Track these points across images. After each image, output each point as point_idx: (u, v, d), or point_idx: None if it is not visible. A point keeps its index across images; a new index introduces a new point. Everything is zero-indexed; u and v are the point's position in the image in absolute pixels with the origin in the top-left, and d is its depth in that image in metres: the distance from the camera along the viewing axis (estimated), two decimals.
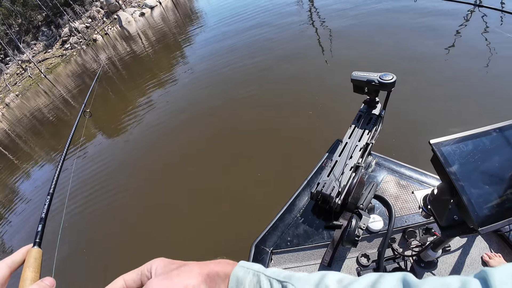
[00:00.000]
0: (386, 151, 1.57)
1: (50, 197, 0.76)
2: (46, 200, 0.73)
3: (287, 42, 6.21)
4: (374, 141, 1.45)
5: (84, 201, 4.64)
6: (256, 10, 9.71)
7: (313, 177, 1.62)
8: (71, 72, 21.13)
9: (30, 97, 22.94)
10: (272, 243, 1.44)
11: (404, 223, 1.34)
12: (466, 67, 3.61)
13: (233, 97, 5.18)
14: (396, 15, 5.30)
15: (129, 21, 31.28)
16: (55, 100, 14.83)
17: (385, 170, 1.52)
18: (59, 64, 30.23)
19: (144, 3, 33.49)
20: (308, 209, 1.50)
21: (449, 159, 0.69)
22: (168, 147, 4.93)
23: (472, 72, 3.48)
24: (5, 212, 6.34)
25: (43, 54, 34.13)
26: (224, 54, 7.36)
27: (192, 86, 6.78)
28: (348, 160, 1.39)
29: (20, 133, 13.34)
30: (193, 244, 3.01)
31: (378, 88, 1.38)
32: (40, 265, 0.52)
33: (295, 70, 5.06)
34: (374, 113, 1.53)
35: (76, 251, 3.66)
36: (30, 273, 0.49)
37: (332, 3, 7.18)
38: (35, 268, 0.50)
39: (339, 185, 1.32)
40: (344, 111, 3.34)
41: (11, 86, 31.25)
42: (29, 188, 6.79)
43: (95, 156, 5.96)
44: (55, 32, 36.15)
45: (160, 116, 6.15)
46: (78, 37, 32.85)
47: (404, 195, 1.41)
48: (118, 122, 7.27)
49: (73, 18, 34.84)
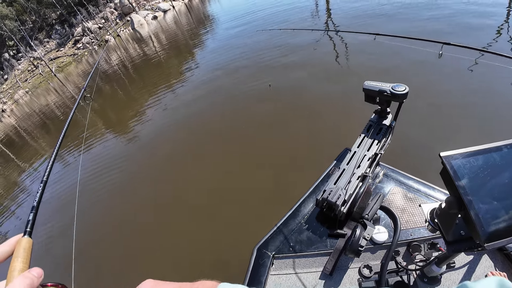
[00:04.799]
0: (395, 163, 1.56)
1: (43, 185, 0.74)
2: (39, 188, 0.71)
3: (299, 48, 6.24)
4: (383, 151, 1.44)
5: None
6: (269, 18, 9.82)
7: (320, 184, 1.62)
8: (82, 72, 21.44)
9: (40, 94, 23.27)
10: (275, 248, 1.43)
11: (409, 236, 1.33)
12: (487, 81, 3.57)
13: (241, 102, 5.22)
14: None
15: (141, 23, 31.79)
16: (65, 98, 15.05)
17: (393, 182, 1.50)
18: (71, 63, 30.72)
19: (158, 7, 34.05)
20: (312, 216, 1.50)
21: (458, 173, 0.70)
22: (172, 145, 4.98)
23: (492, 88, 3.43)
24: (9, 203, 6.42)
25: (55, 52, 34.71)
26: (233, 59, 7.45)
27: (200, 89, 6.84)
28: (356, 169, 1.39)
29: (28, 129, 13.53)
30: (196, 246, 3.01)
31: (389, 99, 1.38)
32: (30, 255, 0.51)
33: (305, 77, 5.07)
34: (384, 123, 1.53)
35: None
36: (18, 264, 0.48)
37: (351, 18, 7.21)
38: (24, 259, 0.49)
39: (345, 193, 1.31)
40: (354, 120, 3.35)
41: (21, 83, 31.77)
42: (33, 180, 6.87)
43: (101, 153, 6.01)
44: (68, 31, 36.82)
45: (166, 118, 6.22)
46: (90, 37, 33.42)
47: (410, 208, 1.40)
48: (124, 120, 7.37)
49: (86, 18, 35.50)
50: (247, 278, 1.37)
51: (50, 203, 5.12)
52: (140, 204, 4.10)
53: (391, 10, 6.36)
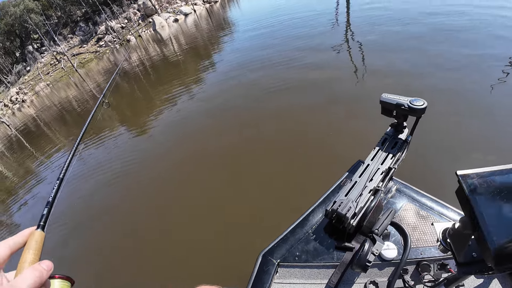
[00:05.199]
0: (409, 178, 1.53)
1: (60, 182, 0.74)
2: (55, 184, 0.72)
3: (316, 58, 6.24)
4: (397, 166, 1.41)
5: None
6: (289, 31, 9.89)
7: (330, 195, 1.59)
8: (103, 69, 22.01)
9: (61, 88, 23.96)
10: (280, 256, 1.41)
11: (419, 255, 1.30)
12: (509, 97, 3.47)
13: (255, 109, 5.25)
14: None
15: (162, 25, 32.50)
16: (84, 93, 15.46)
17: (406, 198, 1.46)
18: (92, 60, 31.61)
19: (179, 10, 34.78)
20: (321, 227, 1.47)
21: (474, 193, 0.69)
22: (185, 148, 5.03)
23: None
24: (22, 192, 6.60)
25: (78, 48, 35.81)
26: (250, 65, 7.52)
27: (215, 93, 6.92)
28: (368, 183, 1.36)
29: (46, 120, 13.94)
30: (204, 250, 3.02)
31: (407, 113, 1.35)
32: (41, 248, 0.52)
33: (321, 88, 5.05)
34: (400, 137, 1.49)
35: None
36: (29, 256, 0.50)
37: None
38: (35, 251, 0.51)
39: (356, 206, 1.28)
40: (368, 133, 3.31)
41: (43, 75, 32.84)
42: (48, 171, 7.05)
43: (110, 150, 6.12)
44: (91, 28, 38.01)
45: (177, 119, 6.32)
46: (112, 36, 34.35)
47: (422, 226, 1.36)
48: (139, 118, 7.51)
49: (110, 17, 36.58)
50: (250, 284, 1.35)
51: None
52: (141, 206, 4.15)
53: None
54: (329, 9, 11.30)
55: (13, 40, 40.57)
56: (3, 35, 39.00)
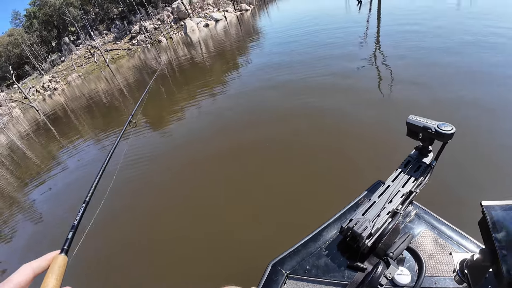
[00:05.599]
0: (429, 204, 1.50)
1: (85, 206, 0.75)
2: (81, 208, 0.72)
3: (341, 76, 6.23)
4: (419, 190, 1.38)
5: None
6: (316, 44, 9.95)
7: (346, 212, 1.58)
8: (133, 66, 22.79)
9: (91, 80, 25.00)
10: (290, 267, 1.39)
11: (433, 284, 1.27)
12: None
13: (274, 119, 5.28)
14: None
15: (193, 29, 33.47)
16: (113, 88, 16.06)
17: (424, 224, 1.44)
18: (124, 57, 32.91)
19: (211, 15, 35.75)
20: (334, 243, 1.45)
21: (497, 225, 0.69)
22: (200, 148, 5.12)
23: None
24: (43, 174, 6.91)
25: (111, 44, 37.41)
26: (274, 76, 7.60)
27: (238, 99, 7.03)
28: (387, 204, 1.34)
29: (74, 109, 14.57)
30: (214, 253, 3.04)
31: (433, 137, 1.32)
32: (63, 274, 0.53)
33: (344, 101, 5.04)
34: (424, 161, 1.46)
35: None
36: (52, 281, 0.50)
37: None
38: (58, 276, 0.52)
39: (373, 227, 1.26)
40: (390, 153, 3.29)
41: (76, 67, 34.43)
42: (71, 161, 7.33)
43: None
44: (126, 27, 39.70)
45: (199, 119, 6.45)
46: (145, 35, 35.68)
47: (439, 255, 1.33)
48: (163, 117, 7.71)
49: (144, 18, 38.07)
50: None
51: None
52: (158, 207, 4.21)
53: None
54: (359, 24, 11.32)
55: (51, 30, 42.96)
56: (41, 24, 41.28)
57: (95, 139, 8.31)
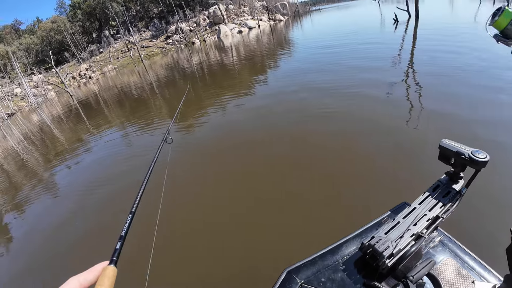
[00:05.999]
0: (455, 232, 1.45)
1: (132, 216, 0.77)
2: (128, 218, 0.74)
3: (373, 98, 6.12)
4: (446, 216, 1.34)
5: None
6: (348, 58, 9.92)
7: (368, 230, 1.54)
8: (165, 64, 23.55)
9: (125, 73, 26.03)
10: (305, 277, 1.37)
11: None
12: None
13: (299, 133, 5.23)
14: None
15: (226, 34, 34.26)
16: (144, 83, 16.66)
17: (448, 252, 1.39)
18: (157, 54, 34.12)
19: (245, 23, 36.48)
20: (352, 259, 1.41)
21: None
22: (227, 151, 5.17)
23: None
24: (69, 156, 7.23)
25: (148, 41, 38.94)
26: (303, 84, 7.61)
27: (265, 103, 7.09)
28: (412, 226, 1.30)
29: (106, 98, 15.23)
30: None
31: (466, 163, 1.29)
32: (113, 285, 0.50)
33: (375, 120, 4.94)
34: (454, 187, 1.41)
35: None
36: None
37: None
38: None
39: (395, 247, 1.22)
40: (418, 176, 3.23)
41: (112, 59, 36.01)
42: (98, 144, 7.67)
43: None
44: (163, 26, 41.26)
45: (223, 122, 6.55)
46: (180, 36, 36.87)
47: (460, 285, 1.27)
48: (187, 116, 7.91)
49: (181, 19, 39.43)
50: None
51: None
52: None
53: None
54: (393, 43, 11.18)
55: (93, 22, 45.38)
56: (84, 16, 43.61)
57: (122, 129, 8.67)
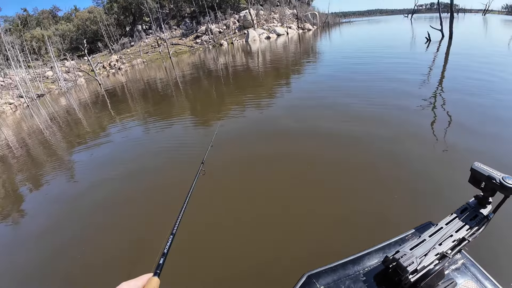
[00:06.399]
0: (478, 255, 1.43)
1: (173, 237, 0.87)
2: (169, 239, 0.84)
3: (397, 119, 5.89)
4: (472, 239, 1.34)
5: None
6: (374, 73, 9.80)
7: (391, 245, 1.54)
8: (192, 63, 24.08)
9: (153, 68, 26.77)
10: (325, 283, 1.38)
11: None
12: None
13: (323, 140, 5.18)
14: None
15: (254, 39, 34.64)
16: (169, 79, 17.09)
17: (469, 275, 1.38)
18: (186, 53, 34.92)
19: (274, 29, 36.78)
20: (373, 271, 1.41)
21: None
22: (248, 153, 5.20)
23: None
24: (90, 141, 7.49)
25: (177, 39, 39.97)
26: (327, 94, 7.59)
27: (286, 109, 7.13)
28: (437, 245, 1.30)
29: (131, 90, 15.72)
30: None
31: (496, 189, 1.29)
32: None
33: (401, 139, 4.81)
34: (481, 211, 1.41)
35: None
36: None
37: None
38: None
39: (419, 263, 1.22)
40: (445, 196, 3.19)
41: (142, 53, 37.14)
42: (118, 135, 7.92)
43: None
44: (194, 26, 42.27)
45: (240, 125, 6.62)
46: (209, 37, 37.62)
47: None
48: (207, 115, 8.03)
49: (212, 21, 40.27)
50: None
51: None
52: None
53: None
54: (424, 62, 10.97)
55: (127, 16, 47.18)
56: (120, 9, 45.46)
57: (144, 122, 8.91)
